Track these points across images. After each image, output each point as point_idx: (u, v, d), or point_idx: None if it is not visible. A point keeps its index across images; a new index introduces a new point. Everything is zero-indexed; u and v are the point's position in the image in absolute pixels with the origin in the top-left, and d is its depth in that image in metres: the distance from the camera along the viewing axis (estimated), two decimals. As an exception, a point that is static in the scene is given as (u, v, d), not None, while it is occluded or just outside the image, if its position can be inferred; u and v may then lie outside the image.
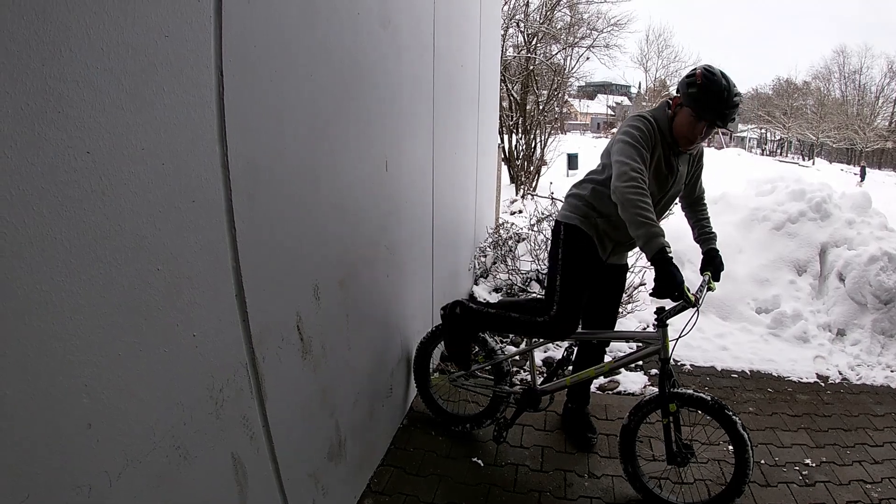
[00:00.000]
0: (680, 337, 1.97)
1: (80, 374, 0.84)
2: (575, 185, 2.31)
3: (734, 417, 1.94)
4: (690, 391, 2.01)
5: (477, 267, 4.56)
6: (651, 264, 1.84)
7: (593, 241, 2.16)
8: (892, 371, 3.50)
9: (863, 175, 25.84)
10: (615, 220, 2.12)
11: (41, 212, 0.78)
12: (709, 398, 1.98)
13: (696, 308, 1.92)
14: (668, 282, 1.79)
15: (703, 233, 2.36)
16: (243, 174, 1.23)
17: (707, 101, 1.92)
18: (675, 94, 2.08)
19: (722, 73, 1.95)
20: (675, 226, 3.63)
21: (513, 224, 5.59)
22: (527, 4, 11.06)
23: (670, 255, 1.81)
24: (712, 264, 2.27)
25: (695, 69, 2.00)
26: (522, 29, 10.89)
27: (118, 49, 0.87)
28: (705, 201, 2.41)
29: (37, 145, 0.76)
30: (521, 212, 7.62)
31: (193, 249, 1.10)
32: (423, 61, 2.54)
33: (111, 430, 0.90)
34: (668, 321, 2.03)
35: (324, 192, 1.64)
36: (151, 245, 0.99)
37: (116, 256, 0.91)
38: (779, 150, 48.24)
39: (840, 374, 3.43)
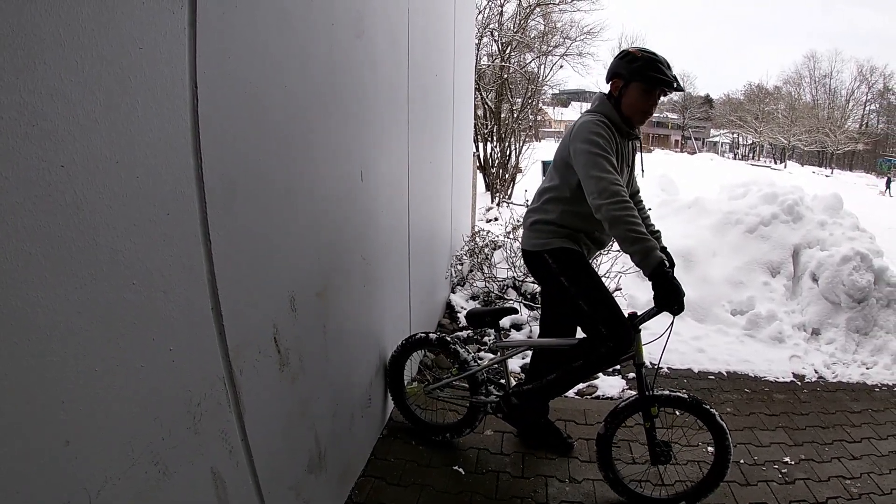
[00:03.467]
0: (665, 344, 2.02)
1: (57, 391, 0.83)
2: (536, 211, 2.24)
3: (711, 410, 2.02)
4: (667, 392, 2.06)
5: (454, 275, 4.58)
6: (650, 279, 1.85)
7: (582, 251, 2.18)
8: (867, 368, 3.62)
9: (888, 185, 25.92)
10: (595, 234, 2.17)
11: (16, 227, 0.76)
12: (686, 396, 2.05)
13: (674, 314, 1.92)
14: (671, 295, 1.82)
15: (649, 230, 2.32)
16: (218, 186, 1.22)
17: (654, 69, 2.00)
18: (610, 81, 2.12)
19: None
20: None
21: (489, 232, 5.65)
22: (501, 14, 11.25)
23: (667, 268, 1.84)
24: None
25: (625, 50, 2.10)
26: (497, 38, 11.06)
27: (92, 61, 0.87)
28: (642, 198, 2.42)
29: (10, 159, 0.75)
30: (496, 219, 7.69)
31: (168, 263, 1.09)
32: (398, 71, 2.56)
33: (89, 447, 0.88)
34: (640, 326, 2.06)
35: (300, 203, 1.63)
36: (126, 259, 0.97)
37: (92, 271, 0.90)
38: (751, 155, 49.59)
39: (816, 372, 3.54)
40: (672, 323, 1.98)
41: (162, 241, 1.06)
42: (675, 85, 2.04)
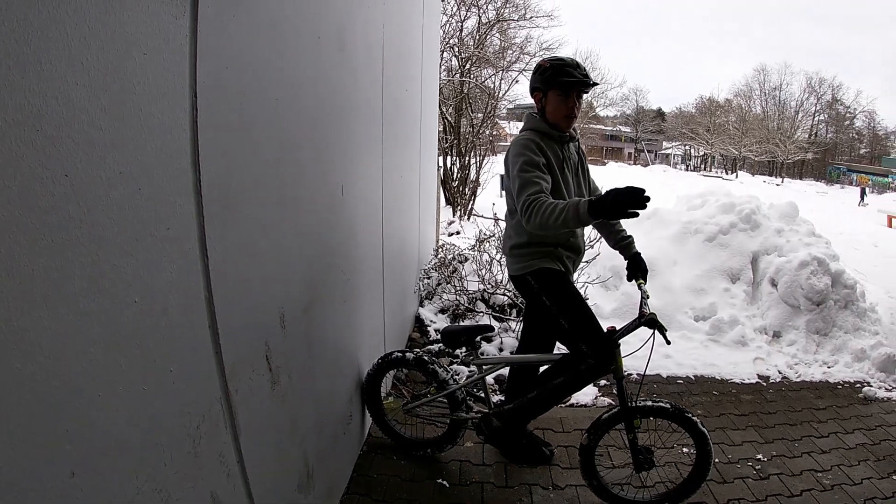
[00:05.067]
0: (649, 357, 2.07)
1: (62, 419, 0.76)
2: (511, 236, 2.27)
3: (693, 418, 2.08)
4: (650, 402, 2.10)
5: (422, 289, 4.56)
6: (595, 217, 1.75)
7: (562, 270, 2.21)
8: (829, 367, 3.81)
9: (862, 195, 26.80)
10: (570, 241, 2.22)
11: (19, 241, 0.71)
12: (668, 405, 2.09)
13: (653, 325, 1.97)
14: (613, 206, 1.67)
15: (620, 238, 2.40)
16: (216, 199, 1.18)
17: (565, 73, 2.08)
18: (532, 94, 2.21)
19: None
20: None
21: (453, 245, 5.66)
22: (461, 30, 11.43)
23: (594, 198, 1.75)
24: (640, 268, 2.31)
25: (538, 63, 2.21)
26: (457, 53, 11.21)
27: (98, 65, 0.82)
28: None
29: (14, 166, 0.70)
30: (458, 233, 7.73)
31: (168, 279, 1.03)
32: (374, 85, 2.55)
33: (95, 478, 0.82)
34: (619, 341, 2.09)
35: (289, 217, 1.59)
36: (127, 276, 0.92)
37: (93, 289, 0.84)
38: (702, 166, 51.37)
39: (780, 373, 3.70)
40: (653, 335, 2.01)
41: (162, 257, 1.01)
42: (588, 81, 2.12)
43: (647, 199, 1.65)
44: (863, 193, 27.34)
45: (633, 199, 1.64)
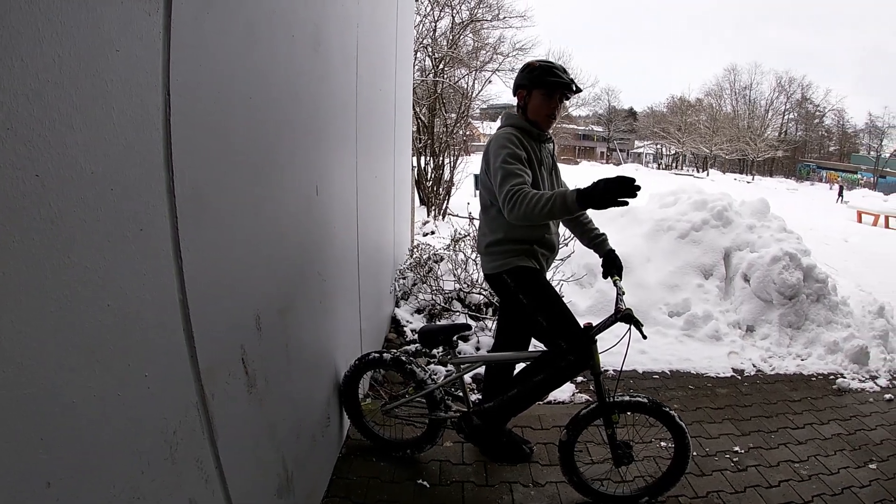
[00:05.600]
0: (626, 352, 2.10)
1: (36, 428, 0.74)
2: (485, 234, 2.28)
3: (671, 412, 2.12)
4: (627, 397, 2.14)
5: (397, 289, 4.55)
6: (582, 207, 1.79)
7: (538, 268, 2.23)
8: (802, 360, 3.91)
9: (840, 193, 26.83)
10: (545, 238, 2.24)
11: (-12, 244, 0.68)
12: (646, 400, 2.13)
13: (629, 320, 2.00)
14: (603, 195, 1.71)
15: (593, 236, 2.42)
16: (189, 200, 1.15)
17: (552, 76, 2.14)
18: (515, 92, 2.25)
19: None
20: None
21: (428, 245, 5.66)
22: (434, 29, 11.43)
23: (583, 188, 1.78)
24: (615, 265, 2.33)
25: (526, 63, 2.26)
26: (431, 53, 11.21)
27: (70, 62, 0.80)
28: None
29: (-17, 167, 0.67)
30: (433, 233, 7.73)
31: (142, 282, 1.01)
32: (349, 84, 2.53)
33: (71, 488, 0.79)
34: (596, 337, 2.11)
35: (263, 218, 1.57)
36: (100, 278, 0.89)
37: (66, 292, 0.82)
38: (674, 164, 52.10)
39: (754, 366, 3.78)
40: (630, 330, 2.04)
41: (135, 259, 0.98)
42: (573, 87, 2.18)
43: (638, 188, 1.69)
44: (841, 191, 27.56)
45: (623, 188, 1.67)
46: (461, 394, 2.44)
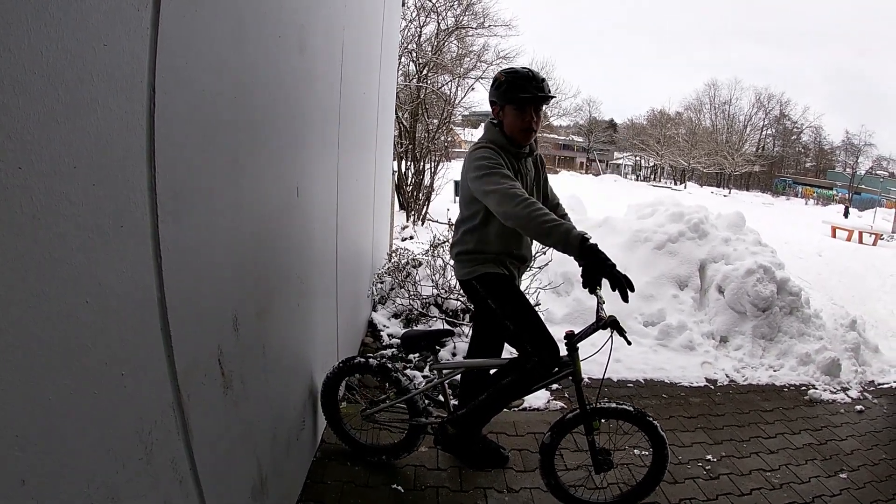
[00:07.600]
0: (608, 359, 2.12)
1: (11, 425, 0.72)
2: (457, 244, 2.31)
3: (654, 422, 2.15)
4: (613, 404, 2.17)
5: (375, 293, 4.54)
6: (580, 258, 1.80)
7: (507, 274, 2.25)
8: (774, 371, 4.00)
9: (846, 213, 25.62)
10: (515, 251, 2.25)
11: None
12: (631, 408, 2.16)
13: (614, 326, 2.02)
14: (598, 267, 1.77)
15: None
16: (171, 198, 1.14)
17: (520, 87, 2.09)
18: (491, 108, 2.22)
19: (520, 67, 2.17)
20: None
21: (406, 250, 5.66)
22: (419, 35, 11.46)
23: (592, 241, 1.80)
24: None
25: (496, 76, 2.20)
26: (415, 58, 11.23)
27: (57, 54, 0.78)
28: (564, 210, 2.51)
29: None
30: (412, 238, 7.73)
31: (121, 279, 0.99)
32: (333, 86, 2.53)
33: (46, 487, 0.77)
34: (577, 344, 2.13)
35: (244, 218, 1.56)
36: (80, 275, 0.88)
37: (46, 289, 0.80)
38: (652, 176, 52.58)
39: (727, 376, 3.86)
40: (612, 337, 2.06)
41: (115, 256, 0.97)
42: (544, 95, 2.11)
43: (632, 289, 1.82)
44: (846, 212, 26.45)
45: (621, 281, 1.80)
46: (442, 399, 2.44)
